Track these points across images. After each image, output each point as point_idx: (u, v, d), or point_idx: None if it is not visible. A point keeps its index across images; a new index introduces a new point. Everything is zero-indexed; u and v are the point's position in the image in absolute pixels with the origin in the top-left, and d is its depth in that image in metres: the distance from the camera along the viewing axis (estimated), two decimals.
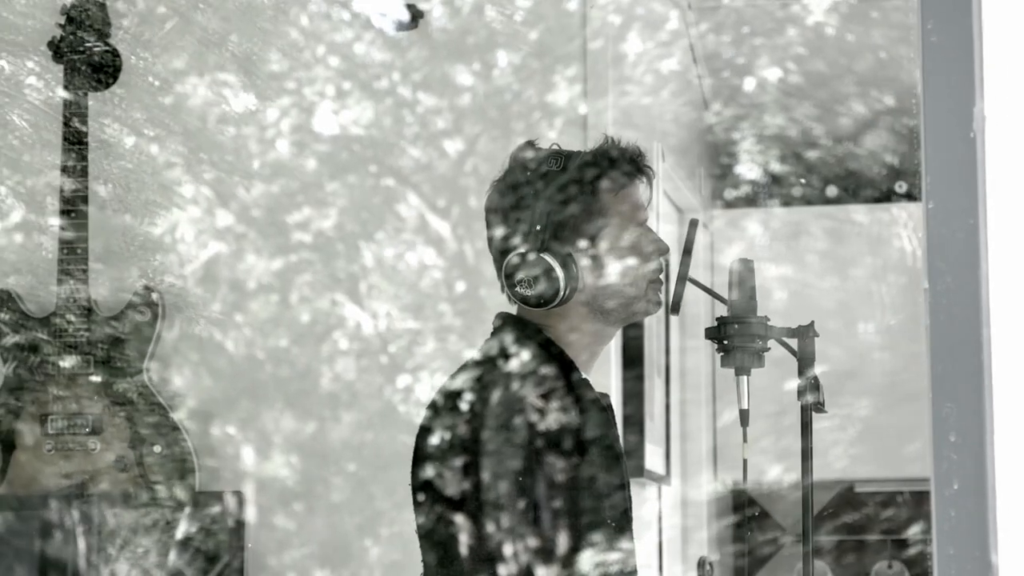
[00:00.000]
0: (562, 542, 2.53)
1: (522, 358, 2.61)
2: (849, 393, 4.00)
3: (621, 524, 2.61)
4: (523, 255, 2.60)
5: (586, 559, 2.54)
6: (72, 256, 3.94)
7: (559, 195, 2.63)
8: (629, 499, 2.67)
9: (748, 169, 5.60)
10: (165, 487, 3.92)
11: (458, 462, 2.53)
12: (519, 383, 2.57)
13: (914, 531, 5.35)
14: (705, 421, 5.32)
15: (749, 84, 5.40)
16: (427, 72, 4.08)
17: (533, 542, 2.50)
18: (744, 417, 2.76)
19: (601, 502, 2.58)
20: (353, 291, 4.03)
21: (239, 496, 3.98)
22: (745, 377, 2.75)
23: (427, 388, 3.94)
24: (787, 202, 5.54)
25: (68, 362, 3.95)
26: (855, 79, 5.28)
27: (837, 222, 5.38)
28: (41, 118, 4.03)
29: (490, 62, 4.04)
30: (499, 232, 2.66)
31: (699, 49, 5.16)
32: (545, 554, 2.51)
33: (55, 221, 3.94)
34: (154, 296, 4.01)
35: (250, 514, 3.96)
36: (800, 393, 2.73)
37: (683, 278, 2.70)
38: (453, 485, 2.54)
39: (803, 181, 5.51)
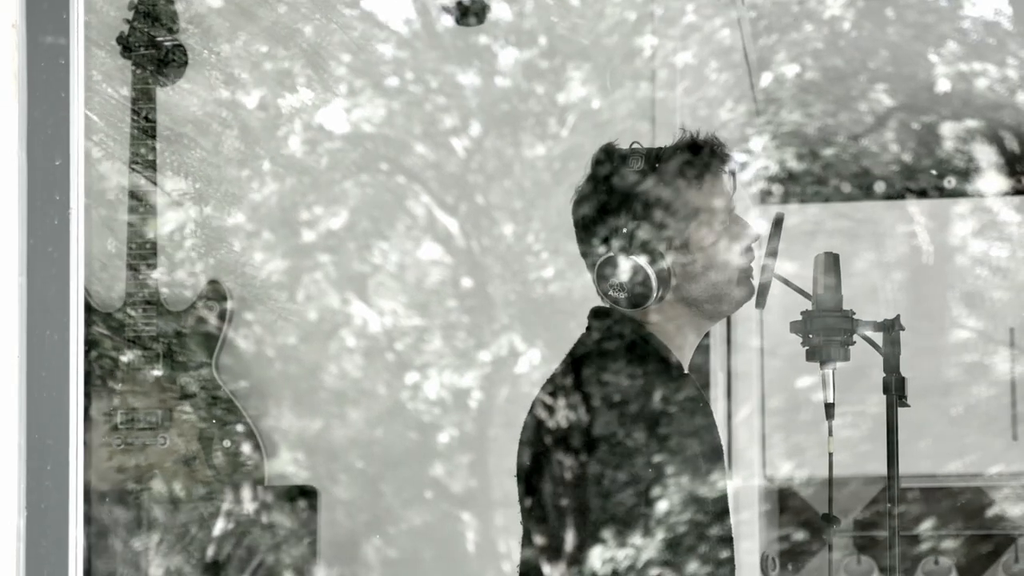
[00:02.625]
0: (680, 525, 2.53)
1: (625, 356, 2.61)
2: (860, 390, 4.01)
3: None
4: (612, 258, 2.59)
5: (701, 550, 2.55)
6: (140, 250, 3.93)
7: (644, 195, 2.62)
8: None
9: (764, 166, 5.59)
10: (233, 482, 3.91)
11: (563, 455, 2.54)
12: (626, 380, 2.57)
13: (956, 527, 5.33)
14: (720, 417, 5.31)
15: (765, 79, 5.38)
16: (438, 70, 4.08)
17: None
18: (830, 411, 2.77)
19: (711, 497, 2.58)
20: (360, 288, 4.03)
21: (314, 492, 3.97)
22: (831, 371, 2.75)
23: (435, 385, 3.94)
24: (802, 199, 5.52)
25: (135, 357, 3.95)
26: (869, 76, 5.26)
27: (849, 219, 5.36)
28: (110, 112, 4.03)
29: (495, 60, 4.04)
30: (588, 238, 2.65)
31: (749, 43, 5.13)
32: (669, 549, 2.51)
33: (121, 215, 3.94)
34: (222, 290, 4.00)
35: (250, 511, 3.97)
36: (886, 387, 2.74)
37: (769, 273, 2.68)
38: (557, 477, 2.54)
39: (820, 180, 5.49)
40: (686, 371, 2.65)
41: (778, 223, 2.72)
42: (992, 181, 5.24)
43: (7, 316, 2.24)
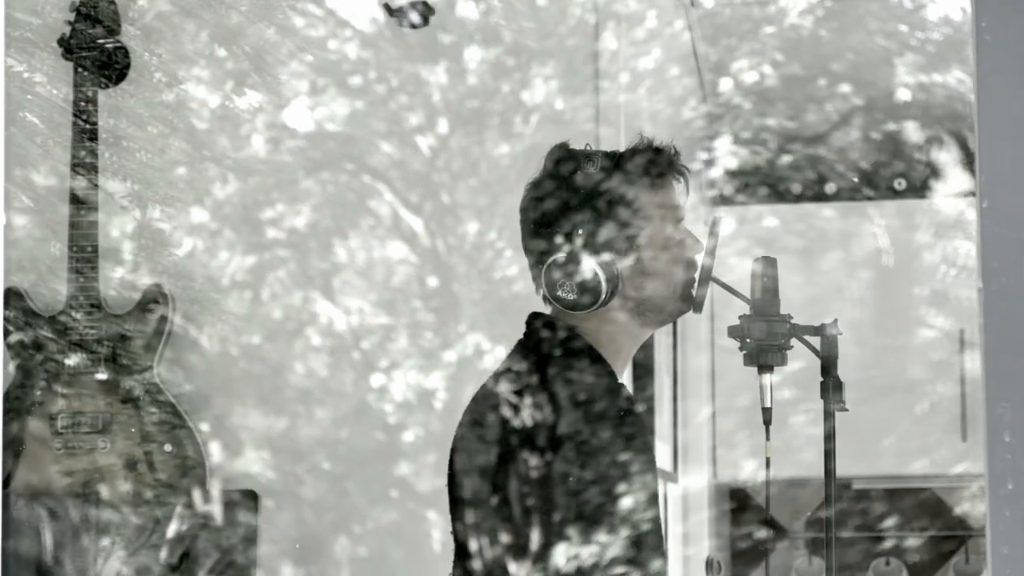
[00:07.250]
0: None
1: (557, 363, 2.60)
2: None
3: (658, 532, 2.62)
4: (563, 259, 2.59)
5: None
6: (81, 253, 3.91)
7: (596, 196, 2.62)
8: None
9: (724, 167, 5.61)
10: (174, 487, 3.89)
11: (493, 464, 2.53)
12: (556, 387, 2.56)
13: (912, 527, 5.35)
14: (683, 418, 5.32)
15: (726, 84, 5.40)
16: (402, 68, 4.08)
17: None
18: (767, 415, 2.76)
19: (645, 507, 2.57)
20: (326, 287, 4.02)
21: (254, 496, 3.95)
22: (768, 376, 2.75)
23: (401, 385, 3.93)
24: (761, 201, 5.55)
25: (76, 360, 3.92)
26: (830, 79, 5.29)
27: (809, 220, 5.39)
28: (52, 114, 4.01)
29: (464, 59, 4.04)
30: (536, 236, 2.65)
31: (699, 45, 5.14)
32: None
33: (63, 217, 3.91)
34: (164, 293, 3.98)
35: (217, 511, 3.95)
36: (823, 391, 2.74)
37: (707, 277, 2.67)
38: (488, 485, 2.54)
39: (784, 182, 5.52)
40: (620, 380, 2.64)
41: (715, 226, 2.73)
42: (953, 182, 5.27)
43: None
